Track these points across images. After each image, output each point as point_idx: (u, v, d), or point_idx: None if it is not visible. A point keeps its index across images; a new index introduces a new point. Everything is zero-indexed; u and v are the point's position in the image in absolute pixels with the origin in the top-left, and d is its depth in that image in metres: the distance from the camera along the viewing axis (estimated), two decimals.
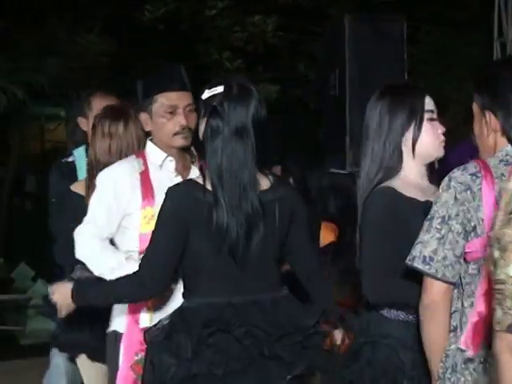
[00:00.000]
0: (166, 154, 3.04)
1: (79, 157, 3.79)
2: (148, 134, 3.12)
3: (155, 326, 2.60)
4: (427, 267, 2.26)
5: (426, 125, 2.62)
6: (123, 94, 4.01)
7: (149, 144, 3.09)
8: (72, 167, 3.77)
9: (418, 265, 2.28)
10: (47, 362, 5.75)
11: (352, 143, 5.41)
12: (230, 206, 2.47)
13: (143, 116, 3.04)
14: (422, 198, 2.56)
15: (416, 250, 2.30)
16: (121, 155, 3.24)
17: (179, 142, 3.00)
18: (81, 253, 3.03)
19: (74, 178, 3.66)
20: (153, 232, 2.62)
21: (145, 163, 3.03)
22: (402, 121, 2.62)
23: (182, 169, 3.06)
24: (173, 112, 2.98)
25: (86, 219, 3.03)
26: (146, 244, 2.75)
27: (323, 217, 4.79)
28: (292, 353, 2.50)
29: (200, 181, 2.55)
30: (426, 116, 2.62)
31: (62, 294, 2.78)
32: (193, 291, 2.58)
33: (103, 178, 3.04)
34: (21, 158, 9.45)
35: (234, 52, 7.11)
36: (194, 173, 2.98)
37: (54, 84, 8.06)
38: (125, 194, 2.98)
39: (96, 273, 2.98)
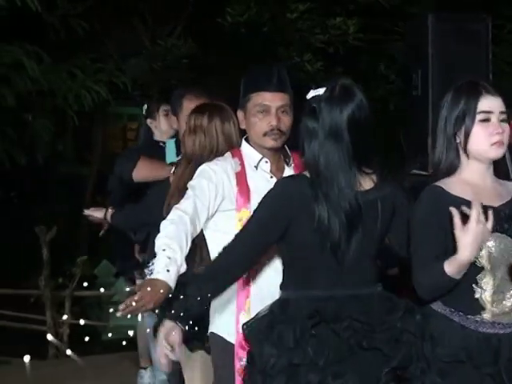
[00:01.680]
0: (261, 155, 3.02)
1: (169, 147, 4.24)
2: (245, 133, 3.13)
3: (253, 319, 2.65)
4: None
5: (477, 126, 2.58)
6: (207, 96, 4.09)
7: (244, 144, 3.09)
8: (163, 152, 4.24)
9: None
10: (129, 356, 5.85)
11: (434, 144, 5.29)
12: (330, 206, 2.51)
13: (240, 114, 3.07)
14: (470, 198, 2.53)
15: None
16: (205, 150, 3.28)
17: (269, 142, 2.99)
18: (163, 226, 2.89)
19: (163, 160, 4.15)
20: (254, 212, 2.66)
21: (241, 163, 3.02)
22: (454, 120, 2.60)
23: (276, 170, 3.04)
24: (265, 112, 2.97)
25: (188, 194, 2.96)
26: None
27: None
28: (388, 345, 2.52)
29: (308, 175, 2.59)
30: (479, 117, 2.58)
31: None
32: (294, 283, 2.63)
33: (203, 169, 3.02)
34: (104, 157, 9.59)
35: (315, 54, 7.07)
36: (288, 174, 2.95)
37: (137, 84, 8.18)
38: (224, 188, 2.96)
39: (156, 240, 2.86)
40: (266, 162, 3.02)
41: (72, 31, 7.44)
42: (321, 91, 2.59)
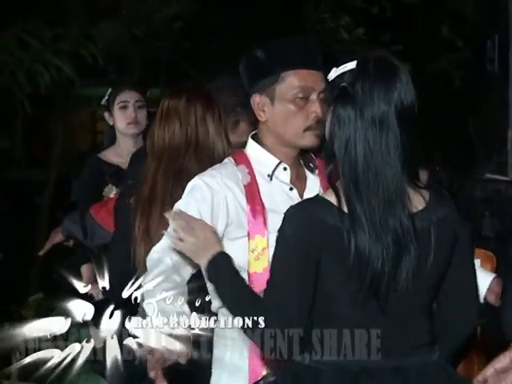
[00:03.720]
0: (277, 160, 3.01)
1: None
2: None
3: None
4: None
5: None
6: (199, 69, 4.11)
7: (252, 144, 3.07)
8: None
9: None
10: None
11: None
12: (371, 223, 2.47)
13: (258, 99, 3.01)
14: None
15: None
16: (180, 142, 3.38)
17: (310, 140, 2.99)
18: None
19: None
20: (273, 272, 2.60)
21: (251, 172, 3.00)
22: None
23: (296, 179, 3.05)
24: (306, 98, 2.95)
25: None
26: (260, 286, 2.78)
27: (476, 242, 4.72)
28: None
29: (332, 199, 2.53)
30: None
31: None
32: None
33: (195, 184, 2.99)
34: (66, 157, 9.61)
35: (354, 17, 7.14)
36: (312, 184, 3.00)
37: (111, 56, 8.20)
38: (228, 210, 2.95)
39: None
40: (285, 168, 3.03)
41: None
42: (349, 66, 2.56)
